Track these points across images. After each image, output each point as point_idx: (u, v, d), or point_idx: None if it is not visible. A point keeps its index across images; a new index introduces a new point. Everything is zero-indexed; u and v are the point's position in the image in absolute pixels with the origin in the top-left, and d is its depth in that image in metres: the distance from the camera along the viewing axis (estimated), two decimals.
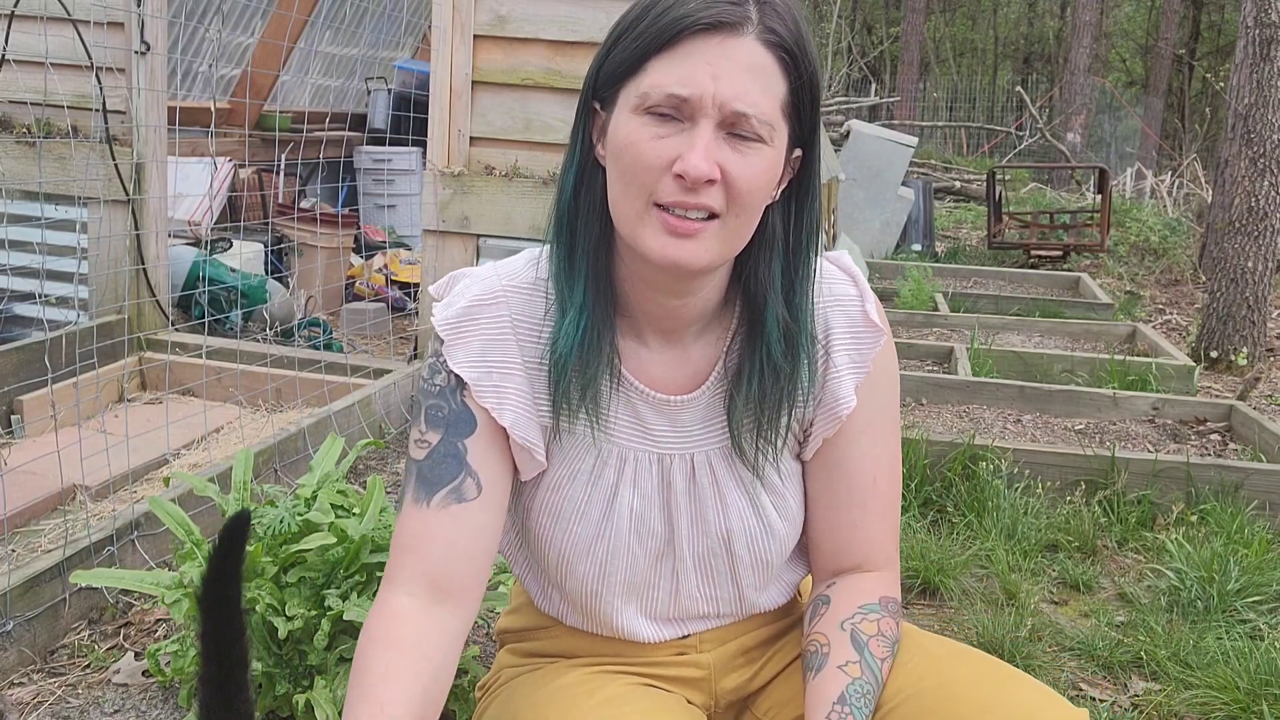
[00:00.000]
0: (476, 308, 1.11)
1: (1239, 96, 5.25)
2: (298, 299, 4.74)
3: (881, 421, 1.18)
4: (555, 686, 1.16)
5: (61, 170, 3.74)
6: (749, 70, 0.97)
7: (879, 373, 1.16)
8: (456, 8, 3.54)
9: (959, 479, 3.08)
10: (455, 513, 1.08)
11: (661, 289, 1.07)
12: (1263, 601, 2.51)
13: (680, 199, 0.98)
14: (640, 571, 1.16)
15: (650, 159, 0.98)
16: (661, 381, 1.13)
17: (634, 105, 1.00)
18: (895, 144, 8.25)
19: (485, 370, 1.10)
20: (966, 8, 26.57)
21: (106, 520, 2.39)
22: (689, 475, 1.15)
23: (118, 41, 3.68)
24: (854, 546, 1.18)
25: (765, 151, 0.99)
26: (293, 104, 6.63)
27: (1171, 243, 8.21)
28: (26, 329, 3.93)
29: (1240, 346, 5.12)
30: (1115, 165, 14.58)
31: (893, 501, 1.20)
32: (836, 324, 1.15)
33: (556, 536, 1.15)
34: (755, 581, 1.19)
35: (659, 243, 0.99)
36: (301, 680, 1.79)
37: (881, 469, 1.18)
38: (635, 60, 1.00)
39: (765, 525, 1.16)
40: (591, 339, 1.07)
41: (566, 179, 1.09)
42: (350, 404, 3.24)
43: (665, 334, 1.12)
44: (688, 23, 0.97)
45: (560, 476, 1.14)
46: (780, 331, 1.08)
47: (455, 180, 3.60)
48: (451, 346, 1.10)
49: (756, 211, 1.03)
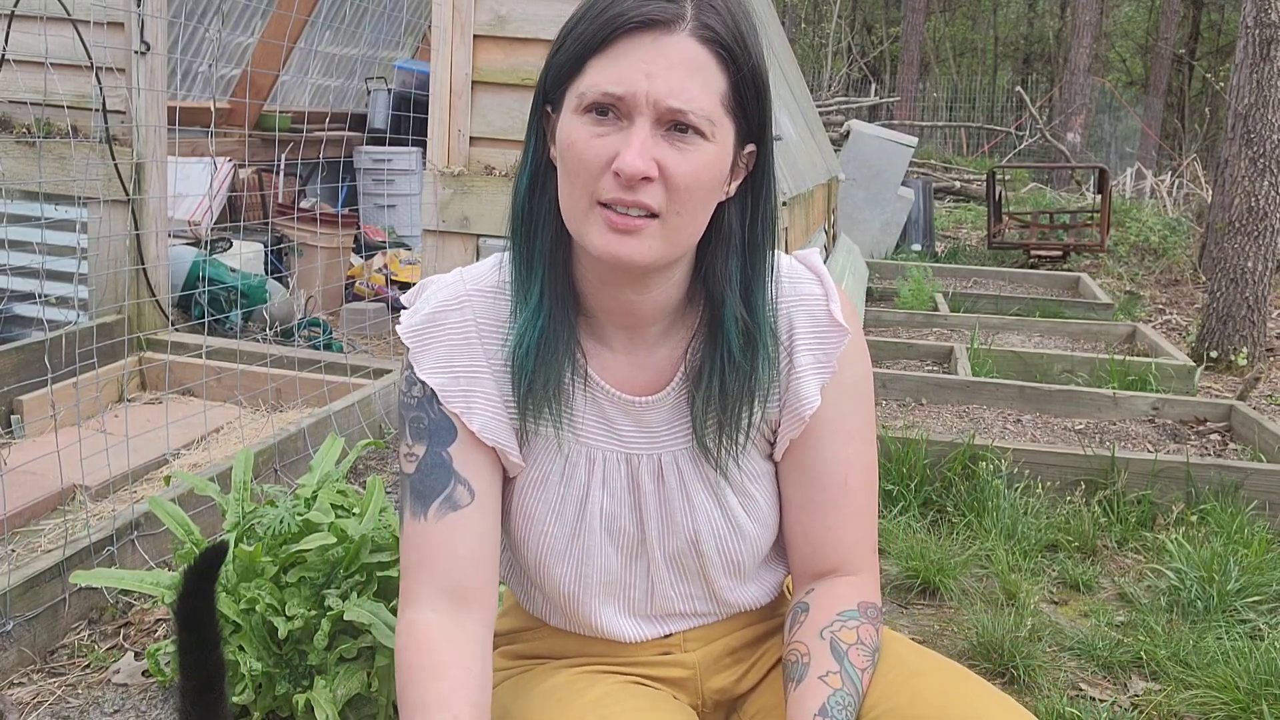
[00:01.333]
0: (440, 314, 1.12)
1: (1239, 96, 5.25)
2: (298, 299, 4.74)
3: (850, 421, 1.16)
4: (545, 688, 1.17)
5: (61, 170, 3.74)
6: (683, 66, 0.98)
7: (846, 372, 1.15)
8: (456, 8, 3.54)
9: (959, 479, 3.08)
10: (452, 521, 1.09)
11: (615, 285, 1.08)
12: (1263, 601, 2.51)
13: (619, 196, 0.99)
14: (615, 571, 1.17)
15: (589, 157, 0.99)
16: (626, 382, 1.14)
17: (574, 106, 1.01)
18: (895, 144, 8.25)
19: (452, 376, 1.11)
20: (966, 8, 26.56)
21: (106, 520, 2.39)
22: (656, 475, 1.15)
23: (117, 41, 3.68)
24: (829, 549, 1.17)
25: (706, 148, 1.00)
26: (293, 104, 6.63)
27: (1171, 243, 8.21)
28: (26, 329, 3.93)
29: (1240, 346, 5.12)
30: (1115, 165, 14.59)
31: (868, 504, 1.19)
32: (800, 324, 1.14)
33: (532, 539, 1.16)
34: (728, 582, 1.19)
35: (603, 240, 1.00)
36: (301, 680, 1.79)
37: (854, 470, 1.17)
38: (575, 61, 1.01)
39: (734, 526, 1.16)
40: (549, 338, 1.08)
41: (521, 180, 1.10)
42: (350, 404, 3.24)
43: (628, 332, 1.13)
44: (620, 22, 0.98)
45: (532, 479, 1.15)
46: (739, 329, 1.08)
47: (455, 180, 3.60)
48: (418, 354, 1.11)
49: (702, 208, 1.03)
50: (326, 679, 1.73)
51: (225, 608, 1.72)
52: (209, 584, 1.03)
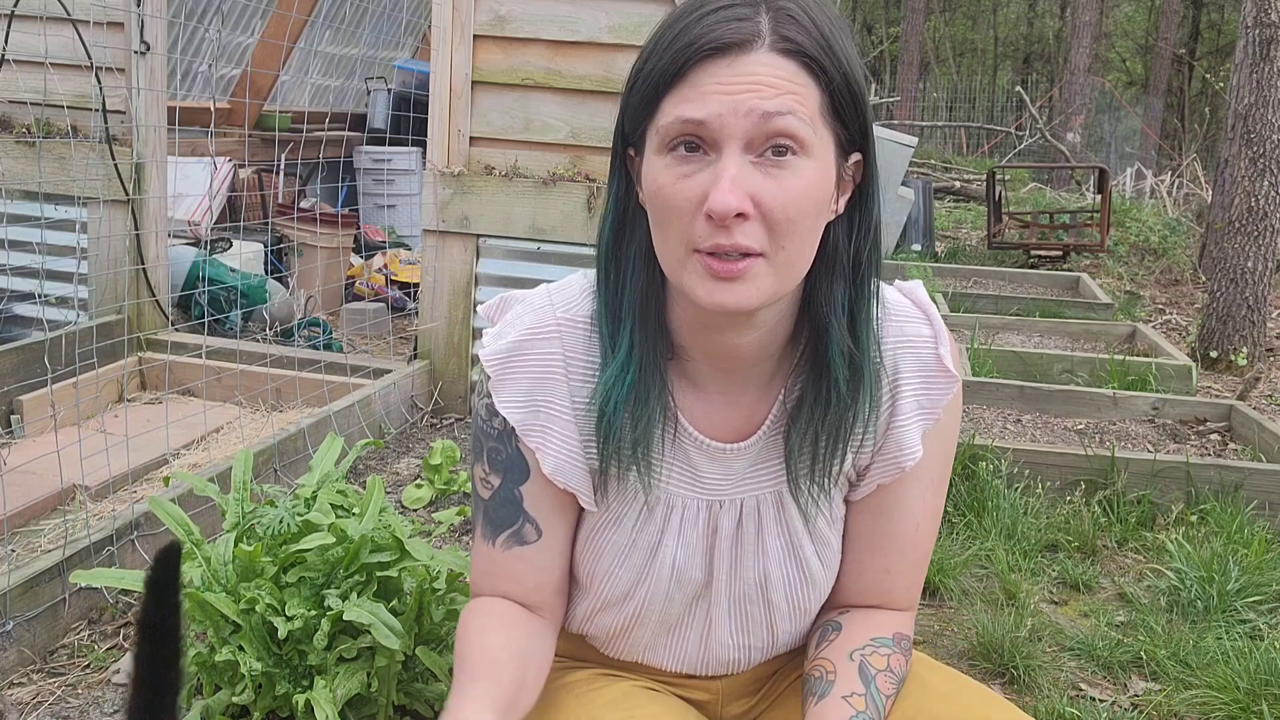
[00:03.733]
0: (527, 343, 1.05)
1: (1239, 96, 5.25)
2: (298, 299, 4.74)
3: (934, 469, 1.10)
4: (563, 683, 1.16)
5: (61, 170, 3.74)
6: (769, 83, 0.89)
7: (947, 420, 1.09)
8: (456, 8, 3.54)
9: (959, 479, 3.08)
10: (518, 554, 1.09)
11: (715, 328, 1.00)
12: (1263, 601, 2.51)
13: (717, 242, 0.90)
14: (674, 616, 1.13)
15: (679, 201, 0.91)
16: (716, 427, 1.07)
17: (655, 146, 0.94)
18: (895, 144, 8.24)
19: (532, 411, 1.05)
20: (966, 8, 26.56)
21: (106, 520, 2.39)
22: (737, 521, 1.09)
23: (117, 41, 3.68)
24: (882, 589, 1.13)
25: (805, 168, 0.91)
26: (292, 104, 6.62)
27: (1171, 243, 8.21)
28: (26, 329, 3.93)
29: (1240, 346, 5.12)
30: (1115, 165, 14.58)
31: (928, 548, 1.14)
32: (906, 367, 1.05)
33: (596, 576, 1.12)
34: (791, 629, 1.15)
35: (705, 289, 0.92)
36: (301, 680, 1.79)
37: (925, 516, 1.11)
38: (650, 100, 0.93)
39: (806, 574, 1.11)
40: (640, 393, 1.02)
41: (605, 227, 1.03)
42: (350, 404, 3.24)
43: (724, 375, 1.06)
44: (691, 51, 0.90)
45: (606, 519, 1.10)
46: (844, 360, 1.00)
47: (455, 180, 3.60)
48: (498, 383, 1.05)
49: (809, 236, 0.94)
50: (326, 679, 1.73)
51: (225, 608, 1.72)
52: (172, 590, 1.00)
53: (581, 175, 3.54)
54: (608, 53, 3.47)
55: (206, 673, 1.82)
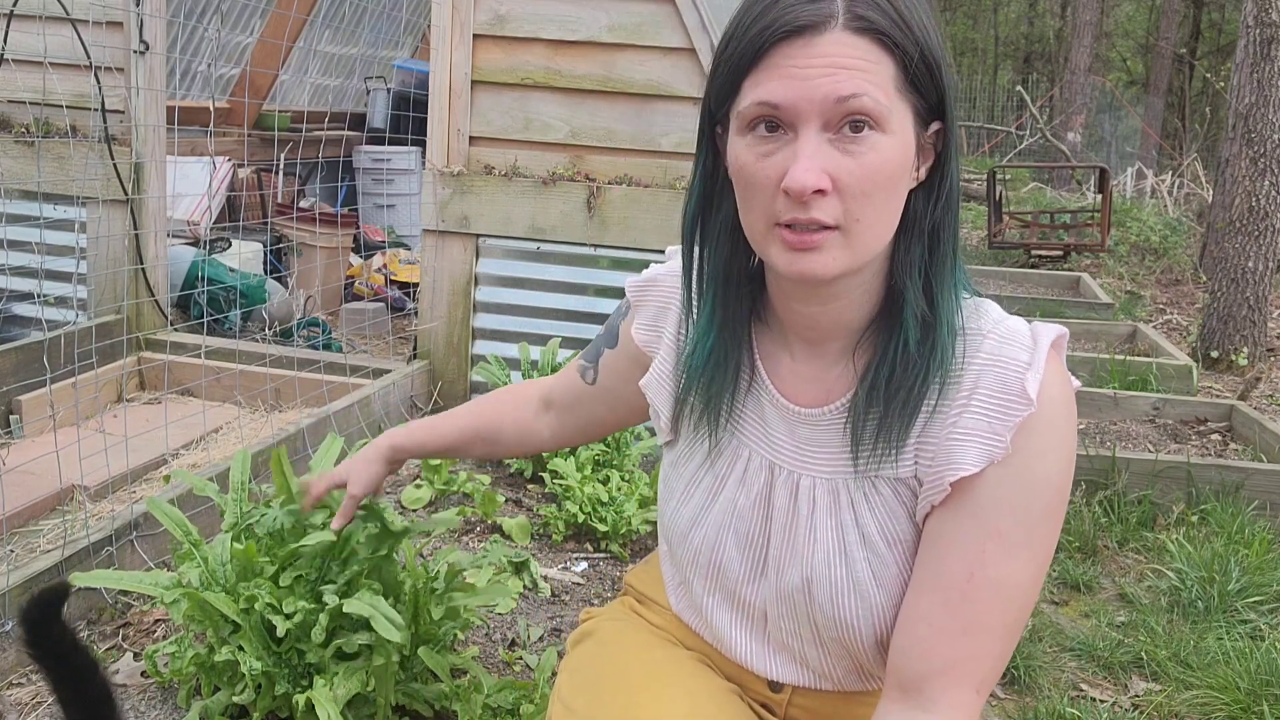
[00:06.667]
0: (662, 277, 1.23)
1: (1239, 96, 5.25)
2: (297, 299, 4.74)
3: (1009, 520, 0.98)
4: (627, 640, 1.25)
5: (60, 170, 3.74)
6: (844, 64, 0.92)
7: (1033, 464, 0.98)
8: (456, 7, 3.54)
9: None
10: (573, 376, 1.37)
11: (799, 299, 1.06)
12: (1263, 602, 2.51)
13: (795, 216, 0.94)
14: (733, 577, 1.14)
15: (760, 180, 0.96)
16: (795, 392, 1.10)
17: (737, 127, 0.98)
18: None
19: (655, 334, 1.23)
20: (966, 7, 26.56)
21: (105, 520, 2.39)
22: (791, 495, 1.10)
23: (116, 41, 3.67)
24: (916, 651, 1.01)
25: (883, 144, 0.93)
26: (292, 103, 6.62)
27: (1172, 242, 8.21)
28: (25, 329, 3.92)
29: (1241, 346, 5.12)
30: (1115, 165, 14.58)
31: (985, 626, 0.99)
32: (985, 384, 1.00)
33: (666, 511, 1.20)
34: (835, 634, 1.09)
35: (785, 259, 0.97)
36: (301, 680, 1.78)
37: (984, 575, 0.98)
38: (732, 84, 0.98)
39: (852, 578, 1.06)
40: (720, 358, 1.10)
41: (690, 202, 1.09)
42: (349, 404, 3.24)
43: (810, 346, 1.10)
44: (768, 35, 0.93)
45: (680, 453, 1.19)
46: (917, 321, 1.00)
47: (455, 180, 3.60)
48: (638, 307, 1.25)
49: (886, 208, 0.97)
50: (326, 678, 1.73)
51: (224, 607, 1.72)
52: (48, 627, 1.03)
53: (581, 175, 3.54)
54: (607, 52, 3.47)
55: (206, 673, 1.82)
